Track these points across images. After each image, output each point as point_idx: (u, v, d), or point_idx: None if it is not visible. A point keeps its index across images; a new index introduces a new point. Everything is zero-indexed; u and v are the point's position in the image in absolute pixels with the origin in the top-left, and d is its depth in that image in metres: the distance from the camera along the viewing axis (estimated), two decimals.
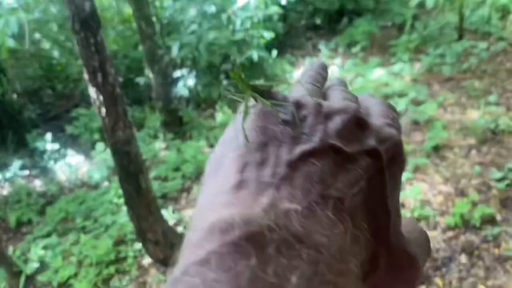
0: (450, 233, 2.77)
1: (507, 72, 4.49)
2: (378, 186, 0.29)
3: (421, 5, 5.11)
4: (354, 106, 0.31)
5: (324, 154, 0.28)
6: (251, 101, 0.32)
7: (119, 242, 3.36)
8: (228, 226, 0.23)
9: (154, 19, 4.69)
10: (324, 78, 0.39)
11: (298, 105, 0.31)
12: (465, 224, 2.79)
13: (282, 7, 5.74)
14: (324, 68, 0.40)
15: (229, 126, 0.32)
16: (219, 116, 4.87)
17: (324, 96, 0.36)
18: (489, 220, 2.77)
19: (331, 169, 0.27)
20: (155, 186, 3.63)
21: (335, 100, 0.33)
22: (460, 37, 5.24)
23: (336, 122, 0.30)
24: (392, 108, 0.35)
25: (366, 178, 0.28)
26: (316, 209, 0.25)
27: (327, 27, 6.44)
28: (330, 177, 0.27)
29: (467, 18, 5.38)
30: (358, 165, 0.28)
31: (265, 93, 0.32)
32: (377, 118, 0.33)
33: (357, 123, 0.30)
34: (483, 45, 5.00)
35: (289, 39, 6.19)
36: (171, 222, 3.39)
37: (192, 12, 5.09)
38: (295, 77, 5.42)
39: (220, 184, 0.27)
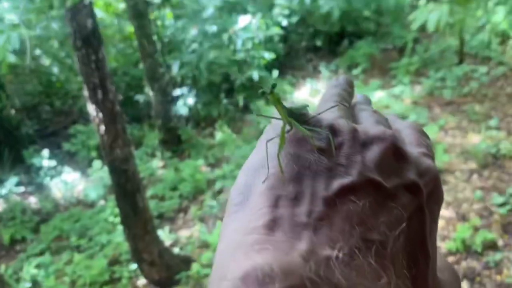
0: (451, 259, 2.72)
1: (508, 96, 4.49)
2: (418, 226, 0.26)
3: (422, 29, 5.13)
4: (391, 133, 0.28)
5: (363, 190, 0.24)
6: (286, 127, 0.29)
7: (114, 262, 3.30)
8: (266, 277, 0.20)
9: (155, 37, 4.70)
10: (351, 95, 0.35)
11: (332, 130, 0.28)
12: (467, 250, 2.75)
13: (283, 28, 5.77)
14: (350, 84, 0.36)
15: (255, 152, 0.29)
16: (219, 135, 4.85)
17: (353, 116, 0.32)
18: (491, 246, 2.73)
19: (372, 208, 0.24)
20: (152, 205, 3.58)
21: (368, 124, 0.30)
22: (461, 61, 5.26)
23: (374, 152, 0.26)
24: (424, 134, 0.31)
25: (406, 217, 0.25)
26: (358, 256, 0.22)
27: (327, 49, 6.46)
28: (371, 218, 0.24)
29: (467, 43, 5.41)
30: (398, 202, 0.25)
31: (300, 117, 0.29)
32: (411, 146, 0.29)
33: (395, 153, 0.27)
34: (483, 69, 5.01)
35: (289, 60, 6.20)
36: (167, 242, 3.34)
37: (193, 31, 5.11)
38: (295, 98, 5.41)
39: (250, 219, 0.24)
